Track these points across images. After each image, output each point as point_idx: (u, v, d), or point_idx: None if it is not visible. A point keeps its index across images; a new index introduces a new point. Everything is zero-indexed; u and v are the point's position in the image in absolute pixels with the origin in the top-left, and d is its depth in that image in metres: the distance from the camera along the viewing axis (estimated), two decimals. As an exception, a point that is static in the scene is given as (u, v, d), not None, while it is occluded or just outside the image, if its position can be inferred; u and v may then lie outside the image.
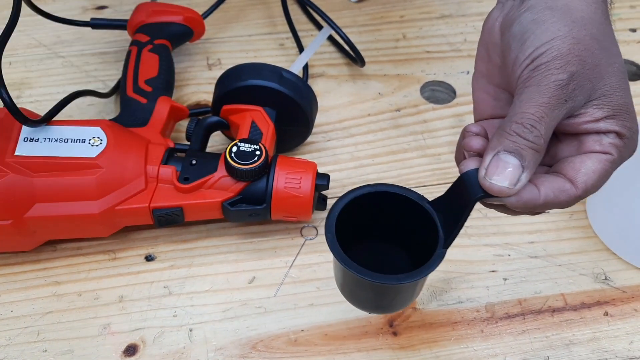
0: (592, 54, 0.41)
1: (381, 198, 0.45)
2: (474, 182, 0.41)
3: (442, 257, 0.42)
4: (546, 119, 0.40)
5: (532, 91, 0.41)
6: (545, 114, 0.40)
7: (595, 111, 0.42)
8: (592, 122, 0.42)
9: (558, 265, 0.59)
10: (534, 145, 0.40)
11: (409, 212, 0.45)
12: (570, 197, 0.42)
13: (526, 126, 0.40)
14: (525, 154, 0.40)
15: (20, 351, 0.53)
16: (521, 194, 0.41)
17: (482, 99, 0.48)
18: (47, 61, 0.75)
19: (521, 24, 0.43)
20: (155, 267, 0.59)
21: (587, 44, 0.41)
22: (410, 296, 0.46)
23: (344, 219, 0.44)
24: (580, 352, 0.54)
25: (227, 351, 0.54)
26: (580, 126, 0.42)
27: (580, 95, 0.41)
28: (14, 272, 0.58)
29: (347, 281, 0.46)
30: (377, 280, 0.41)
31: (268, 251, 0.60)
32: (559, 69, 0.41)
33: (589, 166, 0.42)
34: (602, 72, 0.42)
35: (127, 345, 0.54)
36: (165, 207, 0.55)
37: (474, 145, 0.44)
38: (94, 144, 0.55)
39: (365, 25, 0.80)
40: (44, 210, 0.53)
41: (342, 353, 0.54)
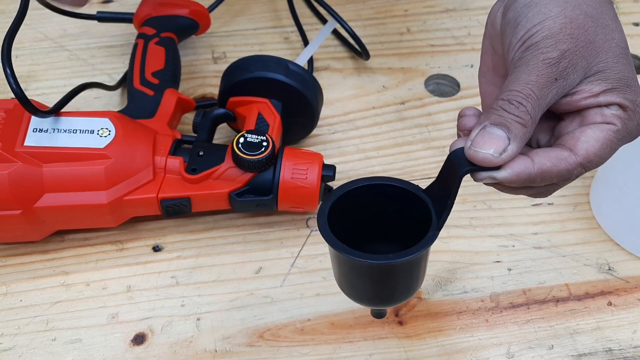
0: (585, 32, 0.41)
1: (377, 192, 0.45)
2: (460, 158, 0.41)
3: (434, 238, 0.41)
4: (533, 97, 0.40)
5: (520, 71, 0.41)
6: (533, 92, 0.40)
7: (592, 86, 0.42)
8: (591, 97, 0.42)
9: (562, 256, 0.60)
10: (520, 120, 0.40)
11: (406, 204, 0.44)
12: (571, 165, 0.41)
13: (512, 102, 0.40)
14: (511, 126, 0.40)
15: (29, 340, 0.54)
16: (512, 165, 0.40)
17: (489, 92, 0.48)
18: (54, 54, 0.75)
19: (515, 10, 0.43)
20: (162, 257, 0.59)
21: (581, 22, 0.41)
22: (408, 284, 0.45)
23: (339, 217, 0.43)
24: (584, 341, 0.54)
25: (234, 340, 0.54)
26: (579, 102, 0.42)
27: (574, 73, 0.41)
28: (22, 262, 0.58)
29: (343, 270, 0.45)
30: (369, 260, 0.41)
31: (274, 242, 0.60)
32: (549, 47, 0.41)
33: (590, 134, 0.41)
34: (598, 49, 0.42)
35: (135, 334, 0.54)
36: (173, 198, 0.56)
37: (467, 124, 0.44)
38: (102, 134, 0.55)
39: (370, 19, 0.80)
40: (53, 200, 0.54)
41: (349, 342, 0.54)
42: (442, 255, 0.59)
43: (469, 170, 0.41)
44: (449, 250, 0.60)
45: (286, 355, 0.53)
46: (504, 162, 0.40)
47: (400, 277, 0.44)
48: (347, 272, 0.45)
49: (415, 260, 0.42)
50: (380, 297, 0.47)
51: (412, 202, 0.44)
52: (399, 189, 0.44)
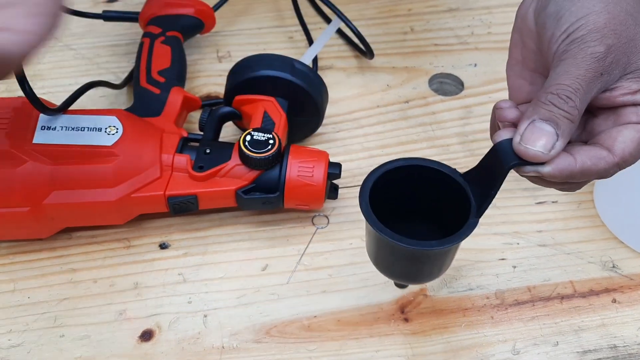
0: (627, 29, 0.42)
1: (413, 172, 0.46)
2: (507, 150, 0.42)
3: (475, 226, 0.43)
4: (581, 91, 0.41)
5: (568, 63, 0.41)
6: (581, 86, 0.41)
7: (631, 84, 0.42)
8: (629, 94, 0.42)
9: (566, 254, 0.60)
10: (569, 115, 0.41)
11: (441, 186, 0.45)
12: (609, 165, 0.42)
13: (562, 97, 0.41)
14: (560, 122, 0.41)
15: (38, 336, 0.54)
16: (556, 161, 0.41)
17: (518, 85, 0.49)
18: (59, 53, 0.76)
19: (557, 3, 0.44)
20: (169, 254, 0.59)
21: (622, 18, 0.42)
22: (441, 266, 0.46)
23: (376, 194, 0.44)
24: (589, 338, 0.55)
25: (241, 336, 0.54)
26: (617, 99, 0.43)
27: (616, 68, 0.42)
28: (30, 259, 0.59)
29: (380, 249, 0.46)
30: (411, 246, 0.42)
31: (280, 239, 0.61)
32: (596, 41, 0.41)
33: (627, 135, 0.42)
34: (638, 46, 0.42)
35: (143, 331, 0.55)
36: (180, 195, 0.56)
37: (508, 116, 0.44)
38: (110, 132, 0.56)
39: (373, 18, 0.81)
40: (61, 198, 0.54)
41: (355, 338, 0.55)
42: (447, 253, 0.60)
43: (516, 164, 0.42)
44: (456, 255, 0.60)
45: (293, 352, 0.54)
46: (551, 158, 0.41)
47: (434, 261, 0.46)
48: (384, 252, 0.46)
49: (453, 247, 0.44)
50: (411, 276, 0.48)
51: (448, 184, 0.45)
52: (436, 171, 0.45)
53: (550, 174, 0.41)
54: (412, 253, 0.43)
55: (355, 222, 0.61)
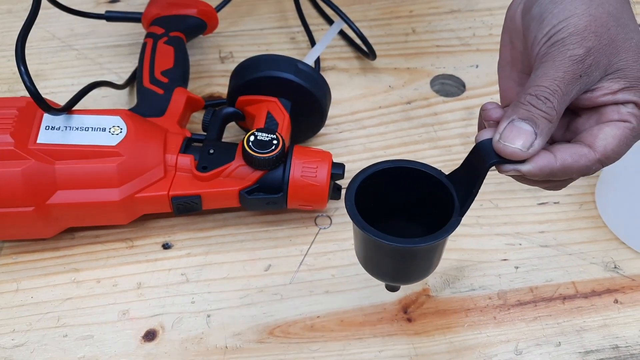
0: (608, 30, 0.42)
1: (400, 173, 0.46)
2: (488, 149, 0.42)
3: (457, 224, 0.43)
4: (560, 92, 0.41)
5: (547, 66, 0.42)
6: (559, 88, 0.41)
7: (611, 84, 0.43)
8: (609, 94, 0.43)
9: (568, 254, 0.60)
10: (547, 115, 0.41)
11: (427, 187, 0.46)
12: (590, 161, 0.42)
13: (540, 98, 0.41)
14: (538, 122, 0.41)
15: (41, 336, 0.54)
16: (536, 159, 0.42)
17: (507, 86, 0.49)
18: (61, 53, 0.76)
19: (540, 6, 0.44)
20: (172, 254, 0.59)
21: (604, 20, 0.42)
22: (427, 265, 0.46)
23: (362, 195, 0.44)
24: (591, 338, 0.55)
25: (244, 336, 0.55)
26: (598, 99, 0.43)
27: (597, 70, 0.42)
28: (33, 259, 0.59)
29: (367, 248, 0.46)
30: (395, 243, 0.42)
31: (283, 240, 0.61)
32: (575, 44, 0.42)
33: (608, 132, 0.43)
34: (619, 48, 0.43)
35: (146, 331, 0.55)
36: (184, 195, 0.56)
37: (492, 115, 0.45)
38: (114, 132, 0.56)
39: (375, 19, 0.81)
40: (65, 197, 0.54)
41: (358, 339, 0.55)
42: (450, 254, 0.60)
43: (496, 162, 0.42)
44: (456, 249, 0.60)
45: (296, 352, 0.54)
46: (530, 156, 0.41)
47: (421, 259, 0.46)
48: (370, 251, 0.46)
49: (438, 244, 0.44)
50: (399, 276, 0.48)
51: (434, 185, 0.45)
52: (422, 172, 0.46)
53: (531, 172, 0.42)
54: (396, 250, 0.44)
55: (358, 222, 0.61)
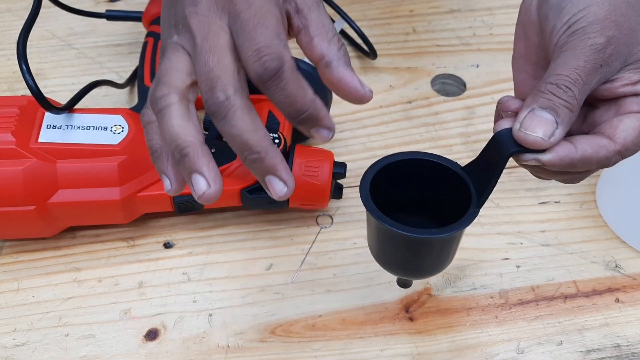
0: (628, 20, 0.42)
1: (414, 165, 0.45)
2: (507, 139, 0.42)
3: (475, 215, 0.43)
4: (580, 82, 0.41)
5: (568, 55, 0.41)
6: (580, 77, 0.41)
7: (631, 75, 0.42)
8: (629, 85, 0.43)
9: (569, 254, 0.60)
10: (568, 104, 0.41)
11: (442, 179, 0.45)
12: (610, 152, 0.42)
13: (561, 87, 0.41)
14: (559, 111, 0.41)
15: (42, 335, 0.54)
16: (557, 149, 0.41)
17: (522, 79, 0.48)
18: (61, 52, 0.76)
19: None
20: (173, 254, 0.59)
21: (623, 10, 0.42)
22: (442, 258, 0.46)
23: (376, 187, 0.44)
24: (592, 337, 0.55)
25: (246, 336, 0.55)
26: (617, 90, 0.43)
27: (617, 60, 0.42)
28: (34, 258, 0.59)
29: (381, 240, 0.45)
30: (411, 234, 0.41)
31: (284, 239, 0.61)
32: (596, 32, 0.41)
33: (628, 123, 0.42)
34: (639, 37, 0.42)
35: (148, 330, 0.55)
36: (185, 194, 0.56)
37: (510, 106, 0.44)
38: (115, 131, 0.56)
39: (375, 19, 0.81)
40: (67, 196, 0.54)
41: (360, 338, 0.55)
42: (451, 253, 0.60)
43: (516, 152, 0.42)
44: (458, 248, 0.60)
45: (298, 351, 0.54)
46: (551, 145, 0.41)
47: (436, 252, 0.45)
48: (385, 243, 0.46)
49: (455, 236, 0.43)
50: (413, 269, 0.47)
51: (450, 177, 0.45)
52: (437, 164, 0.45)
53: (551, 162, 0.41)
54: (412, 241, 0.43)
55: (360, 221, 0.61)
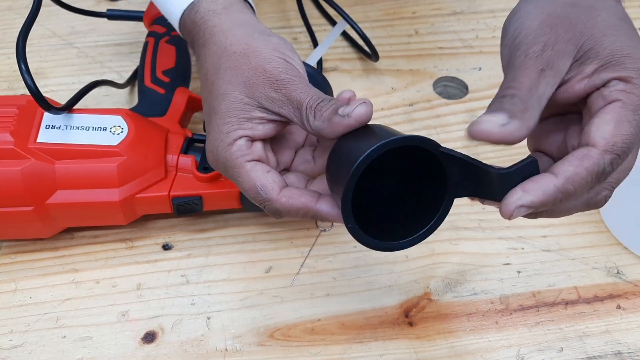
0: (565, 18, 0.41)
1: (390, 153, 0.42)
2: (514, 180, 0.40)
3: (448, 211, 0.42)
4: (524, 88, 0.40)
5: (509, 71, 0.41)
6: (522, 83, 0.40)
7: (583, 67, 0.41)
8: (585, 78, 0.41)
9: (571, 259, 0.60)
10: (517, 106, 0.39)
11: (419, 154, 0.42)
12: (594, 157, 0.39)
13: (506, 96, 0.40)
14: (509, 109, 0.39)
15: (39, 337, 0.54)
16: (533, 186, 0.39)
17: None
18: (62, 51, 0.75)
19: (505, 23, 0.45)
20: (172, 255, 0.59)
21: (559, 12, 0.42)
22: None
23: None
24: (593, 344, 0.55)
25: (245, 339, 0.54)
26: (575, 88, 0.41)
27: (561, 59, 0.40)
28: (32, 259, 0.58)
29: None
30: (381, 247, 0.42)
31: (284, 242, 0.60)
32: (529, 42, 0.41)
33: (598, 121, 0.39)
34: (582, 29, 0.41)
35: (145, 332, 0.54)
36: (184, 196, 0.56)
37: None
38: (115, 132, 0.55)
39: (378, 20, 0.80)
40: (65, 197, 0.54)
41: (359, 342, 0.54)
42: (451, 257, 0.59)
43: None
44: (458, 252, 0.60)
45: (296, 355, 0.53)
46: (504, 136, 0.38)
47: None
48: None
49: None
50: None
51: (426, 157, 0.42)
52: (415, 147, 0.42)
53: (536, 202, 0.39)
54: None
55: (360, 225, 0.61)
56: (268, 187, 0.44)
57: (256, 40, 0.47)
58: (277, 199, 0.44)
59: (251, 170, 0.44)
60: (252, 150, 0.45)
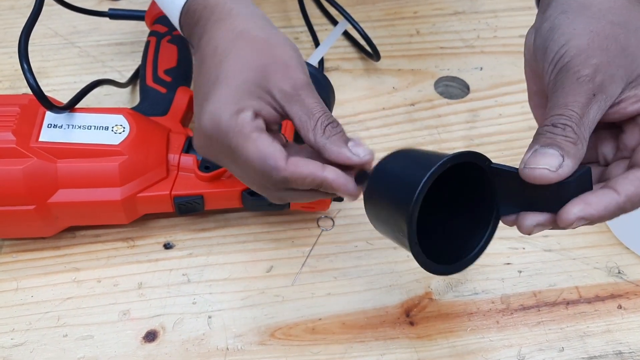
0: (615, 40, 0.41)
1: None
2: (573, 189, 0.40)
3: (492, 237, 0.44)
4: (576, 117, 0.40)
5: (558, 94, 0.41)
6: (574, 112, 0.40)
7: (637, 91, 0.41)
8: (637, 102, 0.41)
9: (572, 259, 0.60)
10: (569, 139, 0.39)
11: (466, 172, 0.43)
12: None
13: (557, 125, 0.40)
14: (562, 145, 0.39)
15: (40, 336, 0.54)
16: (597, 202, 0.39)
17: (540, 115, 0.48)
18: (64, 51, 0.75)
19: (541, 35, 0.44)
20: (173, 255, 0.59)
21: (608, 32, 0.41)
22: None
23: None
24: (594, 344, 0.55)
25: (246, 338, 0.54)
26: (627, 110, 0.42)
27: (612, 83, 0.41)
28: (33, 257, 0.58)
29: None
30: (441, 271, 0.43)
31: (285, 241, 0.60)
32: (580, 65, 0.41)
33: None
34: (634, 54, 0.41)
35: (147, 331, 0.54)
36: (186, 195, 0.56)
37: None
38: (117, 131, 0.55)
39: (379, 20, 0.80)
40: (67, 196, 0.54)
41: (360, 342, 0.54)
42: (452, 257, 0.59)
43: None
44: (459, 252, 0.60)
45: (297, 354, 0.54)
46: (560, 177, 0.39)
47: None
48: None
49: None
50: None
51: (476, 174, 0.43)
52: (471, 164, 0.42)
53: (596, 216, 0.39)
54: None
55: (361, 224, 0.61)
56: (276, 154, 0.43)
57: (278, 35, 0.47)
58: (285, 167, 0.43)
59: (258, 139, 0.43)
60: (257, 123, 0.44)
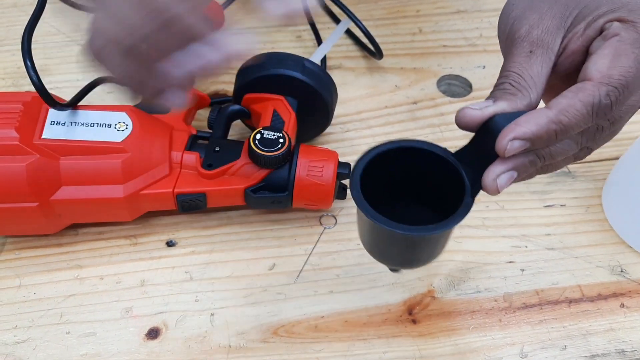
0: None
1: (404, 154, 0.44)
2: (502, 124, 0.40)
3: (471, 206, 0.42)
4: (514, 75, 0.41)
5: (506, 58, 0.43)
6: (513, 72, 0.42)
7: (576, 30, 0.42)
8: (579, 37, 0.42)
9: (575, 258, 0.60)
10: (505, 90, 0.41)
11: (433, 166, 0.44)
12: (589, 89, 0.39)
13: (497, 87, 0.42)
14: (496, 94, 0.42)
15: (43, 333, 0.54)
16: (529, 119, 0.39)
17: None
18: (66, 49, 0.75)
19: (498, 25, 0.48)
20: (176, 252, 0.59)
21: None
22: (438, 250, 0.45)
23: (367, 179, 0.43)
24: (597, 342, 0.55)
25: (248, 336, 0.54)
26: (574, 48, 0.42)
27: (549, 35, 0.42)
28: (36, 255, 0.58)
29: (374, 236, 0.45)
30: (408, 232, 0.41)
31: (288, 239, 0.60)
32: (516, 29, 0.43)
33: (595, 57, 0.40)
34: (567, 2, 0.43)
35: (149, 329, 0.54)
36: (189, 193, 0.56)
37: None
38: (119, 128, 0.55)
39: (382, 19, 0.80)
40: (70, 193, 0.54)
41: (362, 339, 0.54)
42: (455, 255, 0.59)
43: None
44: (462, 250, 0.60)
45: (300, 352, 0.54)
46: (484, 114, 0.40)
47: (430, 245, 0.45)
48: (378, 239, 0.45)
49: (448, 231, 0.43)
50: (406, 261, 0.47)
51: (441, 164, 0.44)
52: (427, 152, 0.44)
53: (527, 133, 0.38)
54: (408, 239, 0.42)
55: (363, 222, 0.61)
56: None
57: None
58: None
59: None
60: None
